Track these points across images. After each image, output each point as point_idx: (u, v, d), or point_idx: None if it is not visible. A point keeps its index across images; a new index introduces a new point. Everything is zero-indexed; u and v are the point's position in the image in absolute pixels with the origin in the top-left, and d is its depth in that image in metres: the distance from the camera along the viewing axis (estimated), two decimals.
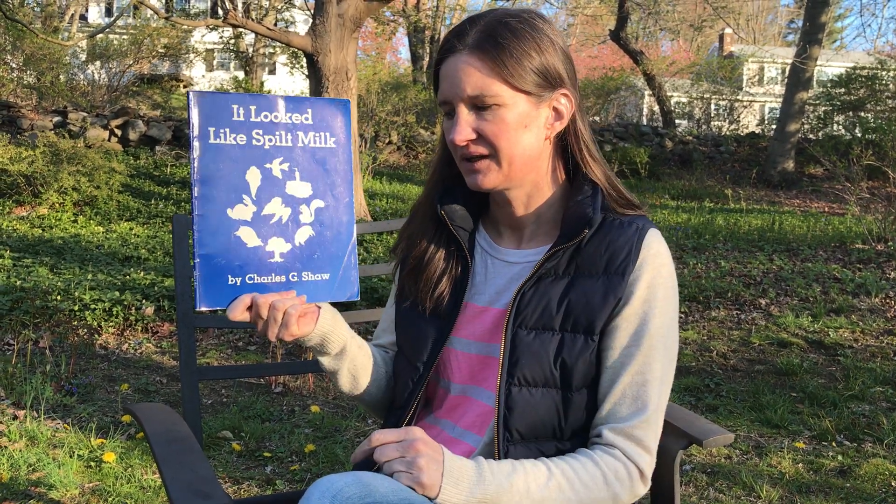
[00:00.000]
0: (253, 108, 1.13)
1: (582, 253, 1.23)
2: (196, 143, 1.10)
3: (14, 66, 16.14)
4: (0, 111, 12.70)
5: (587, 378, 1.19)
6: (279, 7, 19.32)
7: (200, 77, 26.50)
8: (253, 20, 8.96)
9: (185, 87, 24.51)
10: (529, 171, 1.24)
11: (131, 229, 8.74)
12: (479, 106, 1.19)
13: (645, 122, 20.46)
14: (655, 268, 1.20)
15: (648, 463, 1.17)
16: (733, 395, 3.98)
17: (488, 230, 1.36)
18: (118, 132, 12.98)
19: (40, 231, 8.33)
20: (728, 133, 17.82)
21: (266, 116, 1.14)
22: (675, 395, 4.00)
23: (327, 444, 3.28)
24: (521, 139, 1.20)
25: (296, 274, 1.15)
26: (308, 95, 10.08)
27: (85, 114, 13.07)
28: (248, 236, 1.12)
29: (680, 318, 5.44)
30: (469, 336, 1.28)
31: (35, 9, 22.07)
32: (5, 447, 3.09)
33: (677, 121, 19.10)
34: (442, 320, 1.29)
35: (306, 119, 1.16)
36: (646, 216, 1.27)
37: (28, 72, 16.19)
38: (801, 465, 3.12)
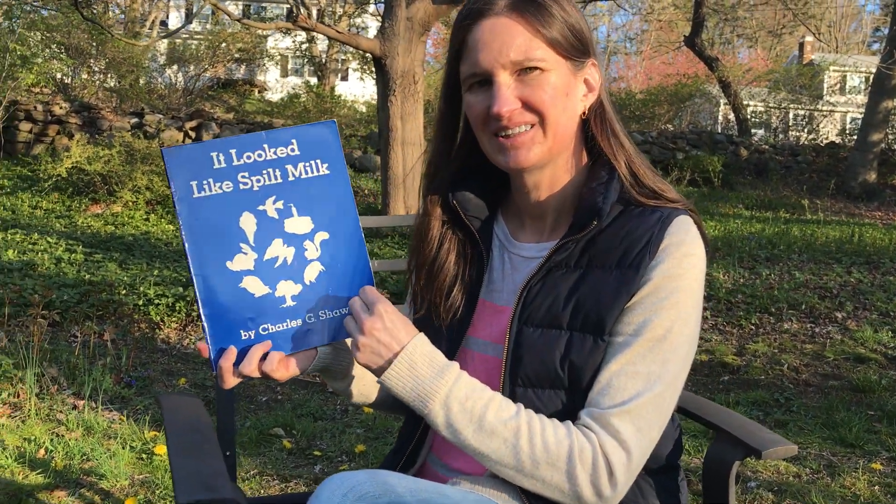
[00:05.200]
0: (233, 151, 1.07)
1: (596, 244, 1.12)
2: (179, 203, 1.04)
3: (97, 69, 16.72)
4: (81, 112, 13.11)
5: None
6: (351, 13, 19.53)
7: (274, 81, 26.98)
8: (324, 24, 9.04)
9: (259, 91, 25.00)
10: (563, 147, 1.15)
11: None
12: (523, 71, 1.09)
13: (719, 130, 19.97)
14: (676, 258, 1.07)
15: (622, 463, 1.02)
16: (804, 411, 3.79)
17: (508, 221, 1.26)
18: (192, 134, 13.25)
19: (113, 228, 8.54)
20: (806, 143, 17.24)
21: (249, 157, 1.07)
22: (742, 408, 3.83)
23: (378, 445, 3.23)
24: (566, 107, 1.11)
25: (312, 315, 1.08)
26: (376, 100, 10.02)
27: (161, 116, 13.40)
28: (255, 286, 1.05)
29: (751, 329, 5.23)
30: (486, 337, 1.19)
31: (120, 16, 22.87)
32: (62, 436, 3.13)
33: (753, 129, 18.59)
34: (458, 319, 1.20)
35: (292, 150, 1.09)
36: (680, 207, 1.13)
37: (110, 75, 16.75)
38: (877, 487, 2.93)
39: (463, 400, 1.04)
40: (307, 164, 1.09)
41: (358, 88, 26.29)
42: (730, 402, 3.88)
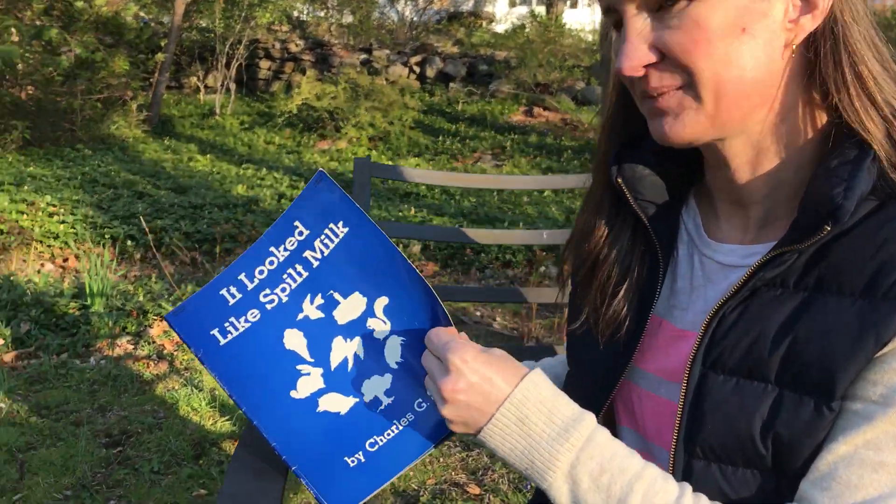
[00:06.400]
0: (242, 276, 0.88)
1: (831, 257, 0.71)
2: (207, 360, 0.87)
3: (330, 6, 17.34)
4: (315, 49, 13.64)
5: None
6: None
7: (501, 12, 26.70)
8: None
9: (487, 23, 24.86)
10: (755, 106, 0.73)
11: (417, 165, 8.93)
12: (658, 6, 0.71)
13: None
14: None
15: None
16: None
17: (702, 208, 0.87)
18: (416, 69, 13.39)
19: (336, 164, 8.79)
20: None
21: (262, 272, 0.88)
22: None
23: None
24: (737, 52, 0.70)
25: (421, 399, 0.86)
26: (599, 28, 9.45)
27: (388, 51, 13.63)
28: (336, 403, 0.87)
29: None
30: (659, 371, 0.83)
31: None
32: None
33: None
34: (621, 343, 0.85)
35: (300, 234, 0.88)
36: None
37: (343, 11, 17.33)
38: None
39: (596, 473, 0.73)
40: (322, 237, 0.88)
41: (586, 16, 25.37)
42: None
